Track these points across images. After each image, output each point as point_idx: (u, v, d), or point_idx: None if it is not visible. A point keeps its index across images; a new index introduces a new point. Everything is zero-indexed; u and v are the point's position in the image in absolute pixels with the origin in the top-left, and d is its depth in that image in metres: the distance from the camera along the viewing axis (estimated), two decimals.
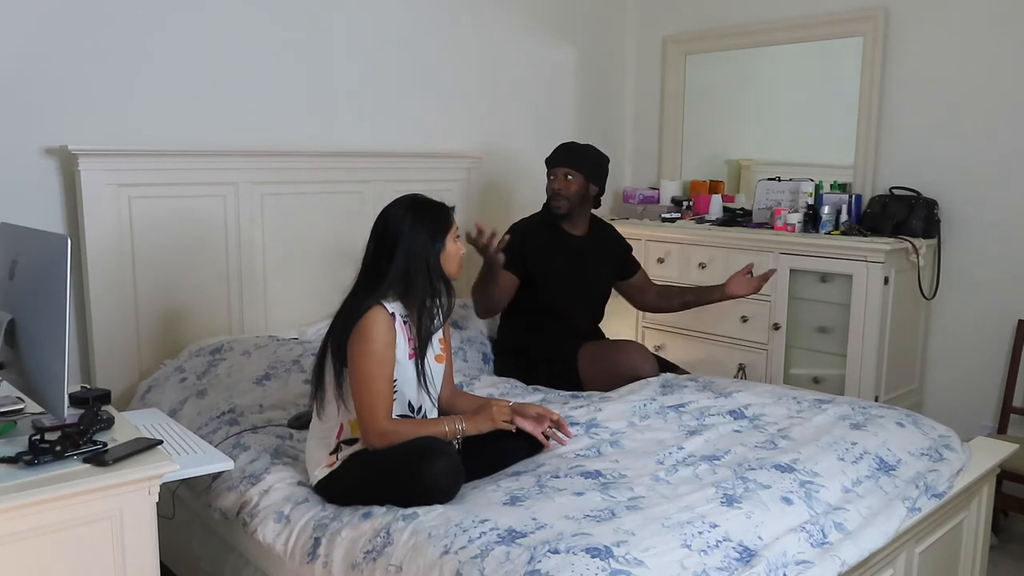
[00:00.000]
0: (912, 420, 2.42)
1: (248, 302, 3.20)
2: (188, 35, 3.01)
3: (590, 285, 3.18)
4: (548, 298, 3.05)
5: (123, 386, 2.90)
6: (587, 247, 3.16)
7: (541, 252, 3.05)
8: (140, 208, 2.90)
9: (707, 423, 2.41)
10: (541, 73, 4.20)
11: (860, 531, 1.82)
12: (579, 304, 3.15)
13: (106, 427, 1.73)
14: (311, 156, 3.31)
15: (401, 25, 3.62)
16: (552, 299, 3.06)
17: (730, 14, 4.14)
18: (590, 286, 3.18)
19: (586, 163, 3.13)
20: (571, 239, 3.14)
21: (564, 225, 3.13)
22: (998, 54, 3.34)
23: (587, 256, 3.15)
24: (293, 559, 1.94)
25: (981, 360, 3.48)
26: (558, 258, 3.07)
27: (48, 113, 2.75)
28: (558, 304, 3.07)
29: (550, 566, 1.55)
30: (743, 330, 3.70)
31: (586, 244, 3.16)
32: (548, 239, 3.09)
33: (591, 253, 3.17)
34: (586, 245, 3.16)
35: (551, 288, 3.05)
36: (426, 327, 2.10)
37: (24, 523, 1.46)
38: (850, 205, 3.56)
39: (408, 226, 2.07)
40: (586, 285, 3.16)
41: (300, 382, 2.67)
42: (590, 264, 3.16)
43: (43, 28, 2.71)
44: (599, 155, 3.19)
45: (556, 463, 2.14)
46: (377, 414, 1.99)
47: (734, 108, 4.28)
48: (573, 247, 3.12)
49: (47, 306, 1.63)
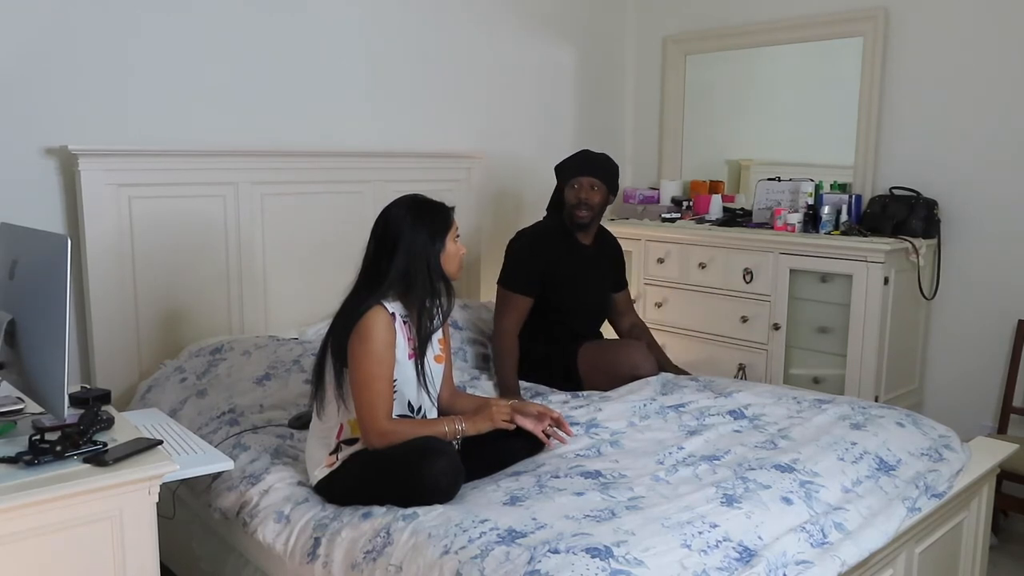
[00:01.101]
0: (912, 420, 2.42)
1: (248, 302, 3.20)
2: (188, 35, 3.01)
3: (595, 293, 3.19)
4: (555, 304, 3.05)
5: (123, 386, 2.90)
6: (594, 256, 3.16)
7: (553, 263, 3.04)
8: (140, 208, 2.90)
9: (707, 423, 2.41)
10: (541, 73, 4.20)
11: (860, 531, 1.82)
12: (584, 310, 3.16)
13: (106, 427, 1.73)
14: (311, 156, 3.31)
15: (401, 25, 3.62)
16: (559, 305, 3.06)
17: (730, 14, 4.14)
18: (595, 294, 3.19)
19: (608, 173, 3.14)
20: (580, 248, 3.12)
21: (577, 234, 3.12)
22: (998, 54, 3.34)
23: (593, 265, 3.15)
24: (293, 559, 1.94)
25: (981, 360, 3.48)
26: (568, 267, 3.06)
27: (48, 113, 2.75)
28: (564, 310, 3.07)
29: (550, 566, 1.55)
30: (743, 330, 3.71)
31: (594, 253, 3.16)
32: (559, 248, 3.08)
33: (597, 262, 3.17)
34: (594, 254, 3.16)
35: (559, 295, 3.05)
36: (426, 327, 2.10)
37: (24, 523, 1.46)
38: (850, 205, 3.56)
39: (408, 226, 2.07)
40: (592, 293, 3.16)
41: (300, 382, 2.67)
42: (596, 272, 3.17)
43: (43, 28, 2.71)
44: (615, 164, 3.21)
45: (556, 463, 2.14)
46: (377, 414, 1.99)
47: (734, 108, 4.28)
48: (582, 256, 3.11)
49: (47, 306, 1.63)
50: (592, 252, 3.15)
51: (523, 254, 3.05)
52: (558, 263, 3.04)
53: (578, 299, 3.10)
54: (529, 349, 3.03)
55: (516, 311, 2.98)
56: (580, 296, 3.10)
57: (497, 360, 2.97)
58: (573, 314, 3.09)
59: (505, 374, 2.92)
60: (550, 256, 3.04)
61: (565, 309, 3.07)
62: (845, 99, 3.77)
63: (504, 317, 2.99)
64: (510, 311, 2.98)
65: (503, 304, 3.01)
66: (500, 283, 3.05)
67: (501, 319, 3.00)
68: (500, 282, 3.05)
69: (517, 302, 2.99)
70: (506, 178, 4.07)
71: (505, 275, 3.05)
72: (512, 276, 3.03)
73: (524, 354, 3.01)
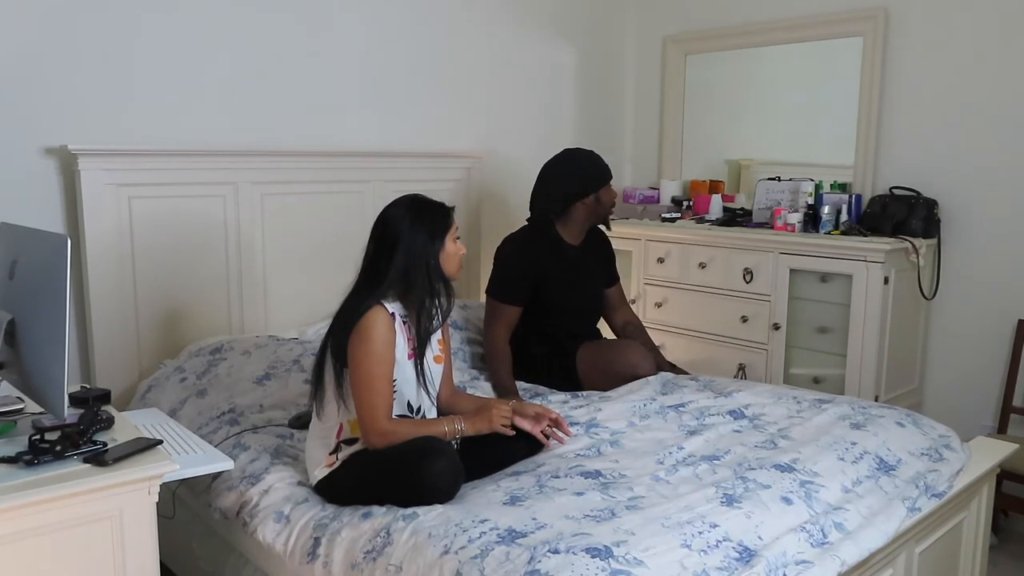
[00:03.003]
0: (912, 420, 2.42)
1: (248, 302, 3.20)
2: (189, 35, 3.01)
3: (587, 292, 3.18)
4: (549, 307, 3.05)
5: (123, 386, 2.90)
6: (582, 255, 3.15)
7: (543, 267, 3.03)
8: (140, 208, 2.90)
9: (707, 423, 2.41)
10: (541, 73, 4.20)
11: (860, 531, 1.82)
12: (578, 310, 3.15)
13: (106, 427, 1.73)
14: (311, 156, 3.31)
15: (401, 25, 3.62)
16: (553, 308, 3.05)
17: (730, 14, 4.14)
18: (588, 293, 3.18)
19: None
20: (569, 249, 3.11)
21: (565, 236, 3.11)
22: (998, 54, 3.34)
23: (582, 264, 3.14)
24: (293, 559, 1.94)
25: (981, 360, 3.48)
26: (558, 270, 3.05)
27: (48, 113, 2.75)
28: (558, 312, 3.07)
29: (550, 566, 1.55)
30: (743, 330, 3.71)
31: (581, 253, 3.15)
32: (547, 252, 3.06)
33: (585, 261, 3.16)
34: (581, 254, 3.15)
35: (552, 298, 3.04)
36: (425, 327, 2.10)
37: (24, 523, 1.46)
38: (850, 205, 3.56)
39: (408, 226, 2.07)
40: (584, 293, 3.15)
41: (300, 382, 2.67)
42: (586, 272, 3.16)
43: (43, 28, 2.71)
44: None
45: (556, 463, 2.14)
46: (377, 414, 2.00)
47: (734, 108, 4.28)
48: (570, 257, 3.10)
49: (47, 306, 1.63)
50: (579, 252, 3.14)
51: (511, 261, 3.04)
52: (548, 267, 3.03)
53: (571, 300, 3.09)
54: (527, 350, 3.03)
55: (505, 320, 2.99)
56: (572, 297, 3.10)
57: (491, 366, 2.98)
58: (568, 315, 3.09)
59: (500, 377, 2.92)
60: (539, 261, 3.03)
61: (559, 311, 3.06)
62: (845, 99, 3.77)
63: (493, 327, 2.99)
64: (499, 321, 2.99)
65: (492, 314, 3.02)
66: (488, 294, 3.05)
67: (490, 329, 3.00)
68: (488, 292, 3.05)
69: (505, 312, 2.99)
70: (506, 178, 4.07)
71: (493, 285, 3.05)
72: (500, 286, 3.02)
73: (522, 355, 3.01)
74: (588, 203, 3.07)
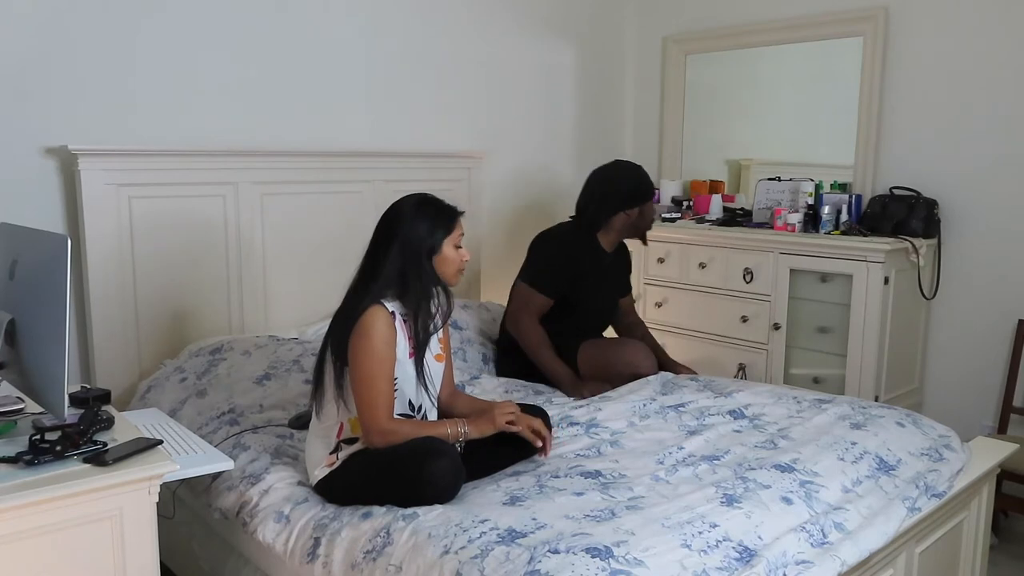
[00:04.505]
0: (912, 420, 2.42)
1: (248, 302, 3.20)
2: (188, 35, 3.01)
3: (609, 297, 3.21)
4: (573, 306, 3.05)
5: (123, 386, 2.90)
6: (612, 263, 3.19)
7: (581, 268, 3.04)
8: (140, 208, 2.90)
9: (707, 423, 2.41)
10: (541, 73, 4.20)
11: (860, 531, 1.82)
12: (597, 313, 3.18)
13: (106, 427, 1.73)
14: (311, 156, 3.31)
15: (401, 25, 3.62)
16: (576, 308, 3.06)
17: (730, 14, 4.14)
18: (609, 298, 3.21)
19: None
20: (603, 255, 3.13)
21: (601, 242, 3.12)
22: (998, 54, 3.34)
23: (612, 271, 3.18)
24: (293, 559, 1.94)
25: (981, 360, 3.48)
26: (591, 273, 3.07)
27: (48, 113, 2.75)
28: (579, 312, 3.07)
29: (550, 566, 1.55)
30: (743, 330, 3.71)
31: (612, 260, 3.18)
32: (587, 255, 3.08)
33: (614, 268, 3.20)
34: (612, 261, 3.18)
35: (578, 298, 3.05)
36: (424, 326, 2.09)
37: (24, 523, 1.46)
38: (850, 205, 3.56)
39: (408, 219, 2.07)
40: (607, 298, 3.19)
41: (300, 382, 2.67)
42: (613, 278, 3.20)
43: (43, 28, 2.71)
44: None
45: (556, 463, 2.14)
46: (378, 413, 1.99)
47: (734, 108, 4.28)
48: (603, 263, 3.13)
49: (47, 306, 1.63)
50: (611, 259, 3.17)
51: (553, 253, 3.05)
52: (585, 268, 3.05)
53: (594, 303, 3.12)
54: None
55: (537, 309, 2.99)
56: (596, 300, 3.12)
57: (536, 354, 2.95)
58: (586, 316, 3.11)
59: (550, 364, 2.92)
60: (579, 260, 3.05)
61: (581, 311, 3.07)
62: (845, 99, 3.77)
63: (526, 313, 2.98)
64: (531, 310, 2.98)
65: (524, 302, 3.00)
66: (526, 281, 3.03)
67: (522, 314, 2.99)
68: (526, 280, 3.03)
69: (540, 301, 2.99)
70: (506, 178, 4.07)
71: (534, 273, 3.04)
72: (541, 276, 3.02)
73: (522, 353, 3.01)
74: (631, 215, 3.08)
